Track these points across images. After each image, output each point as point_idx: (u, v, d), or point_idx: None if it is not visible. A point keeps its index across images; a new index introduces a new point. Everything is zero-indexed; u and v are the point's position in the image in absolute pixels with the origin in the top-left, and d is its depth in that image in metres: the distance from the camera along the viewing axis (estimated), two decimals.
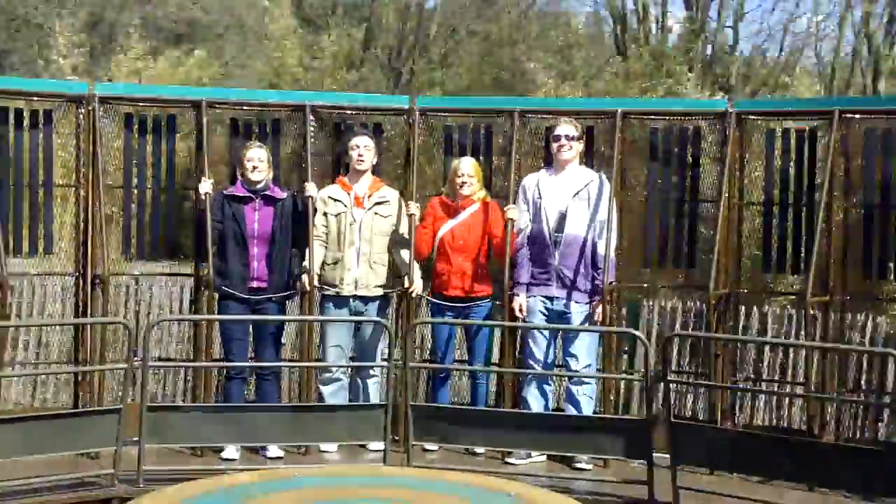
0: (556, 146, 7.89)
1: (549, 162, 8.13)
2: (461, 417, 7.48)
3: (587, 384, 7.74)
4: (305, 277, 7.78)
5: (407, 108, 8.47)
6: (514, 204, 7.94)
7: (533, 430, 7.19)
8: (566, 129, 7.88)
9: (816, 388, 7.56)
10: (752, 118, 8.10)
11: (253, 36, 28.00)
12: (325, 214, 7.95)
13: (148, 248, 8.34)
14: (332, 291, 7.88)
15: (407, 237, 7.94)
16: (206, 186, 7.81)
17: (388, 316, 8.06)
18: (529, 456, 7.61)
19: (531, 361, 7.81)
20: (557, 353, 7.95)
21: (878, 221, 7.81)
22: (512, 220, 7.85)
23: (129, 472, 6.68)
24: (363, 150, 7.99)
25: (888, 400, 7.96)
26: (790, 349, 8.09)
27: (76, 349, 7.92)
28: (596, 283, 7.75)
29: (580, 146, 7.96)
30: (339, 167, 8.43)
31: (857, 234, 7.82)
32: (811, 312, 7.54)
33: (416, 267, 7.92)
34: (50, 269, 8.10)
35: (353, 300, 7.89)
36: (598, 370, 7.84)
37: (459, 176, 7.99)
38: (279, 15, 25.66)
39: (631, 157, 8.23)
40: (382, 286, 7.96)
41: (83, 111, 7.96)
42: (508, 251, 7.83)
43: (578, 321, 7.74)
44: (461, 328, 8.17)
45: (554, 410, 7.95)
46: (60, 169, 8.07)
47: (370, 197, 7.98)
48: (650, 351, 6.89)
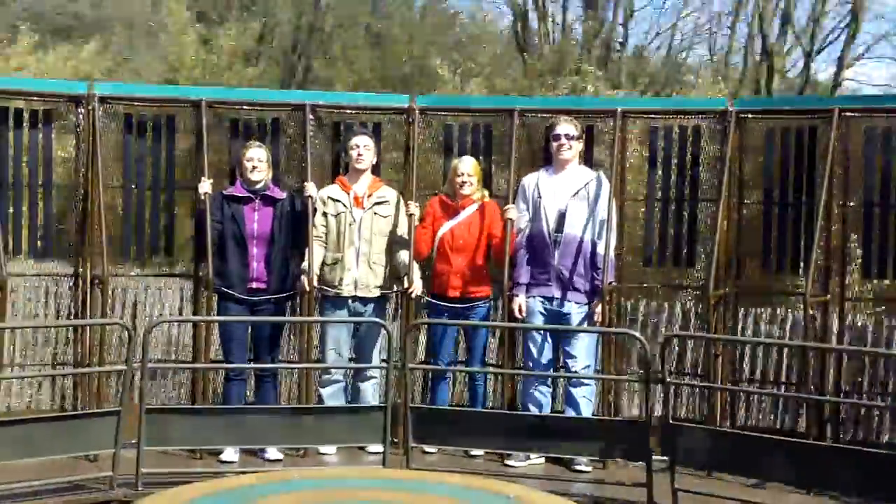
0: (555, 145, 7.88)
1: (548, 161, 8.12)
2: (460, 419, 7.49)
3: (586, 385, 7.74)
4: (304, 278, 7.77)
5: (407, 107, 8.47)
6: (513, 204, 7.93)
7: (532, 431, 7.18)
8: (566, 128, 7.86)
9: (815, 389, 7.57)
10: (751, 117, 8.08)
11: (145, 30, 27.32)
12: (324, 214, 7.93)
13: (147, 248, 8.35)
14: (331, 292, 7.87)
15: (406, 237, 7.93)
16: (205, 186, 7.79)
17: (387, 317, 8.04)
18: (528, 458, 7.60)
19: (530, 363, 7.81)
20: (558, 353, 7.94)
21: (878, 220, 7.80)
22: (511, 220, 7.84)
23: (127, 474, 6.67)
24: (363, 149, 7.96)
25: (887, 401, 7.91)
26: (790, 350, 8.04)
27: (75, 351, 7.95)
28: (595, 283, 7.75)
29: (580, 145, 7.95)
30: (338, 167, 8.43)
31: (857, 232, 7.82)
32: (811, 312, 7.55)
33: (415, 267, 7.91)
34: (48, 269, 8.09)
35: (352, 301, 7.88)
36: (596, 371, 7.84)
37: (459, 175, 7.97)
38: (175, 8, 25.17)
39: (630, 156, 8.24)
40: (382, 287, 7.95)
41: (82, 111, 7.96)
42: (508, 251, 7.83)
43: (577, 322, 7.74)
44: (460, 329, 8.16)
45: (553, 412, 7.95)
46: (59, 169, 8.06)
47: (370, 197, 7.96)
48: (649, 352, 6.86)
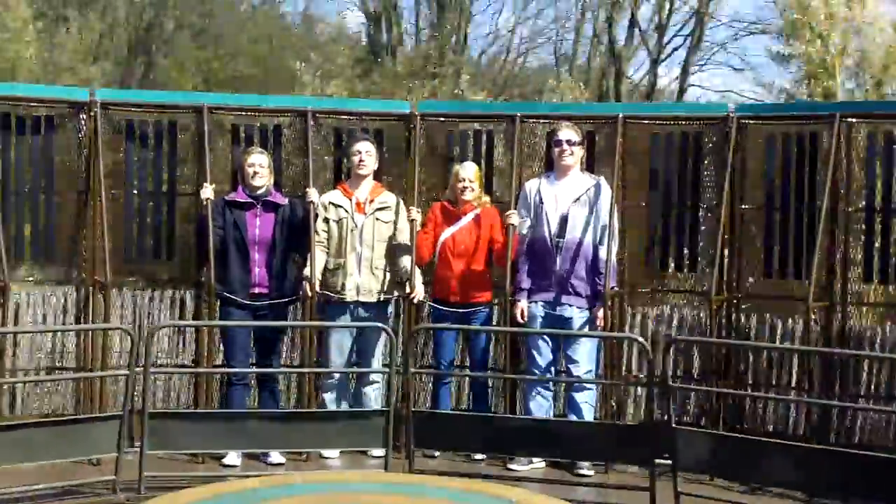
0: (557, 151, 7.88)
1: (549, 167, 8.12)
2: (462, 423, 7.48)
3: (588, 390, 7.73)
4: (306, 283, 7.76)
5: (408, 113, 8.48)
6: (514, 209, 7.93)
7: (534, 435, 7.17)
8: (568, 133, 7.87)
9: (819, 393, 7.57)
10: (752, 122, 8.09)
11: None
12: (326, 220, 7.94)
13: (149, 253, 8.35)
14: (333, 297, 7.87)
15: (408, 243, 7.93)
16: (207, 192, 7.80)
17: (389, 322, 8.04)
18: (531, 462, 7.59)
19: (532, 368, 7.80)
20: (559, 358, 7.94)
21: (880, 225, 7.81)
22: (513, 225, 7.84)
23: (130, 479, 6.65)
24: (364, 155, 7.97)
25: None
26: (792, 354, 8.04)
27: (77, 356, 7.95)
28: (597, 288, 7.75)
29: (581, 151, 7.95)
30: (339, 172, 8.43)
31: (858, 237, 7.82)
32: (812, 317, 7.55)
33: (417, 272, 7.91)
34: (50, 275, 8.09)
35: (354, 306, 7.87)
36: (599, 376, 7.84)
37: (461, 181, 7.98)
38: (14, 5, 24.64)
39: (632, 161, 8.24)
40: (384, 292, 7.95)
41: (84, 117, 7.98)
42: (509, 257, 7.83)
43: (579, 326, 7.74)
44: (462, 334, 8.16)
45: (556, 416, 7.94)
46: (61, 175, 8.06)
47: (371, 202, 7.96)
48: (652, 356, 6.86)
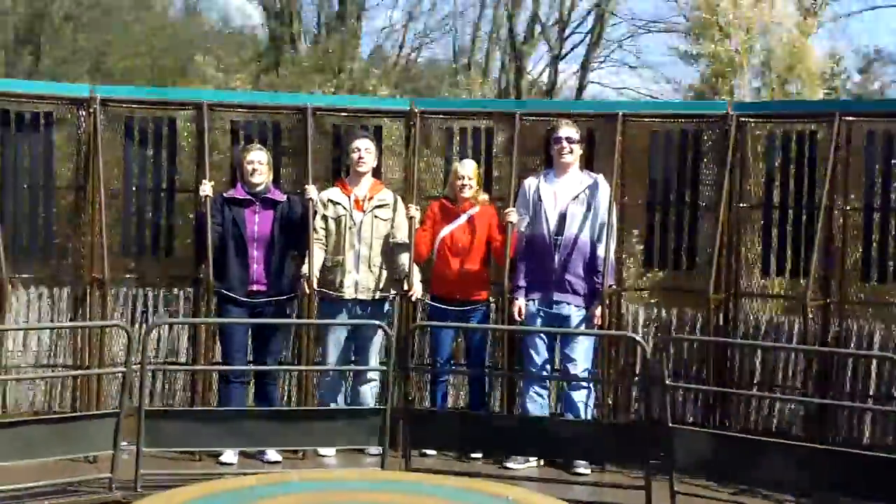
0: (556, 149, 7.88)
1: (549, 164, 8.12)
2: (459, 422, 7.49)
3: (585, 389, 7.73)
4: (305, 281, 7.76)
5: (407, 110, 8.47)
6: (513, 207, 7.93)
7: (531, 434, 7.18)
8: (567, 131, 7.86)
9: (815, 392, 7.56)
10: (752, 121, 8.07)
11: None
12: (324, 217, 7.94)
13: (147, 250, 8.35)
14: (331, 295, 7.87)
15: (407, 240, 7.93)
16: (206, 189, 7.81)
17: (387, 319, 8.04)
18: (527, 460, 7.59)
19: (529, 366, 7.80)
20: (556, 357, 7.94)
21: (878, 224, 7.79)
22: (511, 223, 7.84)
23: (126, 476, 6.65)
24: (364, 152, 7.96)
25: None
26: (790, 353, 8.04)
27: (74, 353, 7.97)
28: (595, 286, 7.75)
29: (581, 149, 7.94)
30: (338, 169, 8.43)
31: (857, 236, 7.81)
32: (810, 316, 7.55)
33: (415, 270, 7.91)
34: (49, 272, 8.09)
35: (352, 304, 7.87)
36: (596, 374, 7.84)
37: (460, 178, 7.98)
38: None
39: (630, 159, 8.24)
40: (382, 289, 7.94)
41: (84, 114, 7.98)
42: (508, 255, 7.83)
43: (577, 325, 7.73)
44: (460, 332, 8.16)
45: (552, 415, 7.94)
46: (61, 171, 8.07)
47: (370, 200, 7.95)
48: (649, 355, 6.86)
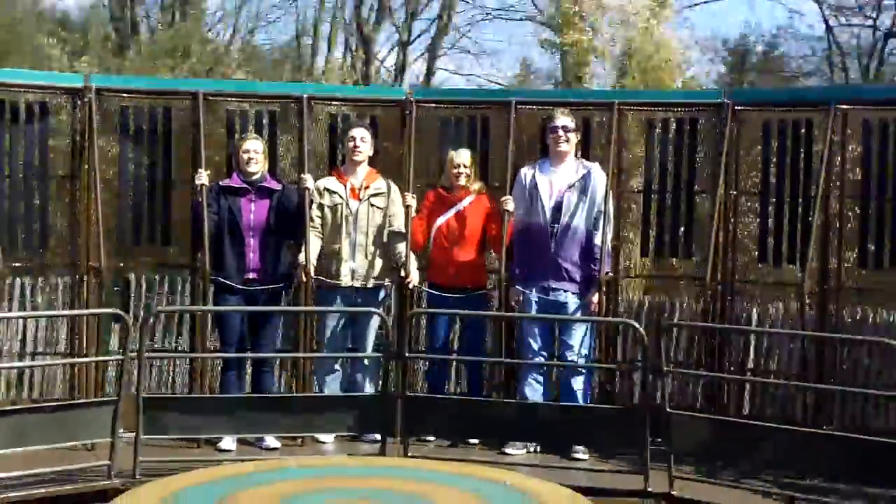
0: (552, 138, 7.88)
1: (545, 154, 8.12)
2: (457, 408, 7.49)
3: (583, 375, 7.73)
4: (301, 269, 7.76)
5: (403, 99, 8.47)
6: (510, 195, 7.93)
7: (529, 420, 7.19)
8: (563, 120, 7.87)
9: (814, 378, 7.59)
10: (747, 109, 8.08)
11: None
12: (320, 206, 7.93)
13: (144, 239, 8.33)
14: (328, 283, 7.87)
15: (403, 228, 7.93)
16: (202, 178, 7.80)
17: (385, 307, 8.04)
18: (525, 446, 7.60)
19: (527, 353, 7.80)
20: (554, 343, 7.94)
21: (874, 212, 7.81)
22: (508, 211, 7.84)
23: (125, 464, 6.64)
24: (359, 141, 7.96)
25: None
26: (786, 339, 8.05)
27: (72, 342, 7.95)
28: (592, 273, 7.76)
29: (577, 138, 7.95)
30: (333, 158, 8.42)
31: (853, 225, 7.82)
32: (807, 302, 7.57)
33: (412, 258, 7.91)
34: (45, 261, 8.05)
35: (349, 291, 7.87)
36: (593, 361, 7.84)
37: (455, 167, 7.98)
38: None
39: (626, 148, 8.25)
40: (379, 277, 7.95)
41: (79, 103, 7.96)
42: (504, 242, 7.83)
43: (574, 312, 7.74)
44: (458, 319, 8.16)
45: (550, 401, 7.93)
46: (56, 161, 8.04)
47: (366, 188, 7.96)
48: (646, 341, 6.87)
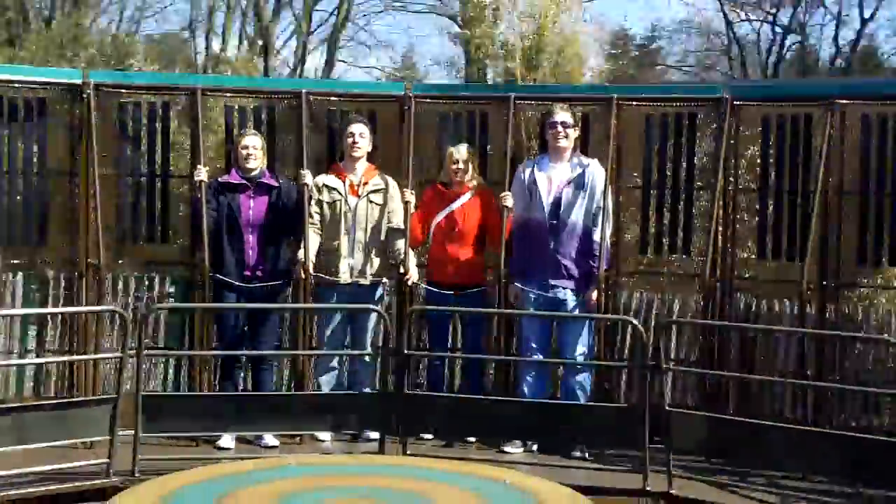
0: (551, 133, 7.87)
1: (544, 149, 8.11)
2: (456, 406, 7.48)
3: (582, 373, 7.73)
4: (300, 266, 7.75)
5: (402, 94, 8.45)
6: (509, 191, 7.92)
7: (528, 418, 7.20)
8: (562, 116, 7.85)
9: (812, 376, 7.59)
10: (747, 104, 8.06)
11: None
12: (319, 202, 7.92)
13: (143, 236, 8.32)
14: (327, 279, 7.86)
15: (402, 225, 7.91)
16: (201, 174, 7.78)
17: (383, 304, 8.03)
18: (525, 444, 7.60)
19: (526, 350, 7.80)
20: (552, 341, 7.93)
21: (873, 208, 7.80)
22: (507, 207, 7.83)
23: (124, 462, 6.63)
24: (358, 137, 7.95)
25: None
26: (786, 336, 8.04)
27: (70, 339, 7.94)
28: (591, 270, 7.75)
29: (576, 133, 7.94)
30: (332, 154, 8.40)
31: (852, 220, 7.81)
32: (805, 299, 7.56)
33: (411, 255, 7.90)
34: (43, 258, 8.04)
35: (348, 288, 7.86)
36: (593, 358, 7.84)
37: (454, 162, 7.97)
38: None
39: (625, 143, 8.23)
40: (377, 274, 7.94)
41: (77, 99, 7.94)
42: (503, 239, 7.82)
43: (572, 309, 7.73)
44: (456, 317, 8.15)
45: (549, 399, 7.93)
46: (55, 157, 8.03)
47: (365, 185, 7.94)
48: (645, 338, 6.87)
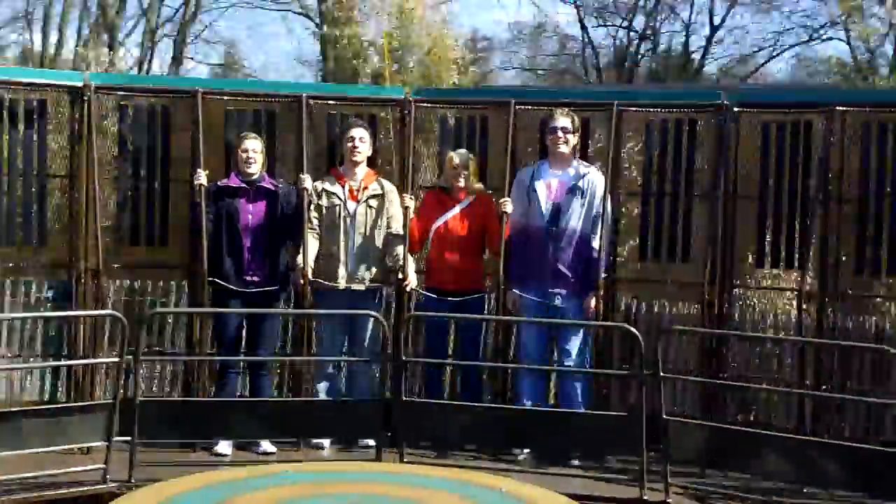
0: (551, 139, 7.85)
1: (544, 155, 8.09)
2: (454, 413, 7.46)
3: (580, 380, 7.72)
4: (299, 271, 7.74)
5: (402, 99, 8.43)
6: (508, 197, 7.90)
7: (525, 426, 7.18)
8: (562, 121, 7.83)
9: (811, 385, 7.57)
10: (747, 111, 8.04)
11: None
12: (318, 207, 7.90)
13: (142, 240, 8.31)
14: (325, 285, 7.85)
15: (401, 230, 7.90)
16: (200, 178, 7.77)
17: (382, 310, 8.01)
18: (522, 452, 7.58)
19: (524, 357, 7.79)
20: (551, 348, 7.92)
21: (872, 215, 7.78)
22: (506, 213, 7.82)
23: (120, 468, 6.63)
24: (358, 141, 7.93)
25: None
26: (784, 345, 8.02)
27: (68, 343, 7.94)
28: (590, 276, 7.73)
29: (576, 139, 7.91)
30: (332, 159, 8.39)
31: (851, 228, 7.79)
32: (804, 307, 7.55)
33: (410, 260, 7.88)
34: (42, 261, 8.03)
35: (346, 294, 7.84)
36: (590, 366, 7.83)
37: (454, 168, 7.95)
38: None
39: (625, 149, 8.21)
40: (376, 279, 7.92)
41: (78, 101, 7.93)
42: (502, 245, 7.80)
43: (571, 316, 7.72)
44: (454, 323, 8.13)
45: (547, 407, 7.92)
46: (54, 160, 8.02)
47: (364, 189, 7.92)
48: (643, 346, 6.85)
